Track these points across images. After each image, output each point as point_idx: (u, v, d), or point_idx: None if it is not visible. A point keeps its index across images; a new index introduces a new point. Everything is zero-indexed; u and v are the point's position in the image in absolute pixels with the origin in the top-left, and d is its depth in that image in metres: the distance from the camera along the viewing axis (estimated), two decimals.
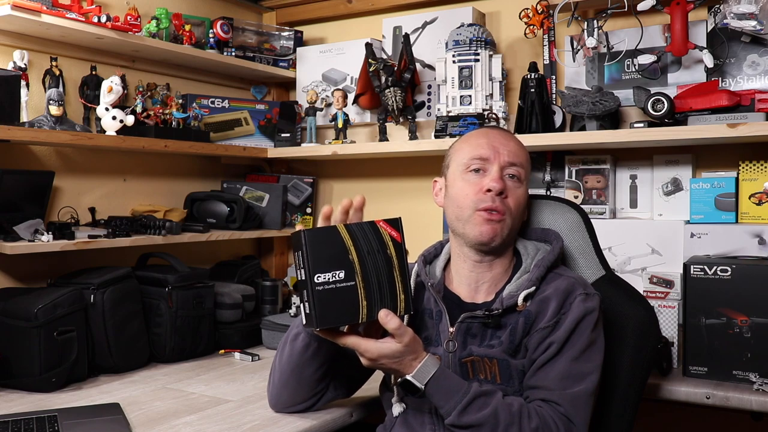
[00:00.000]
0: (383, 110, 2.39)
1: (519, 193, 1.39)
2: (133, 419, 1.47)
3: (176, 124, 2.27)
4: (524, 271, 1.38)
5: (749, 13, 1.80)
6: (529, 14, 2.15)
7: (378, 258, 1.18)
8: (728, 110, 1.84)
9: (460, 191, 1.39)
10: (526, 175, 1.42)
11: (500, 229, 1.35)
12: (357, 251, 1.17)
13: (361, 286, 1.16)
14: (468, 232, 1.37)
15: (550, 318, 1.30)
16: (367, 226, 1.18)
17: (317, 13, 2.72)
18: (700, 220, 1.94)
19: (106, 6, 2.18)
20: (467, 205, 1.37)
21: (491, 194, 1.34)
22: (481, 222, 1.35)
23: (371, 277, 1.17)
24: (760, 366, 1.60)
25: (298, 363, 1.39)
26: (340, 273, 1.15)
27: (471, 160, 1.39)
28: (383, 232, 1.19)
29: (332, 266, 1.15)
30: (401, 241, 1.20)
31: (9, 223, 1.81)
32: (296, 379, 1.42)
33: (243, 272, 2.40)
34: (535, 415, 1.23)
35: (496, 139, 1.41)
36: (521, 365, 1.31)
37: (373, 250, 1.17)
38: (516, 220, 1.39)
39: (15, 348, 1.68)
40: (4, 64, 1.93)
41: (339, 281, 1.15)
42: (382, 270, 1.18)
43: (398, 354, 1.21)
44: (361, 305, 1.17)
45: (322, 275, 1.15)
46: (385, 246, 1.18)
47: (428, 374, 1.23)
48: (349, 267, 1.16)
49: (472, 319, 1.35)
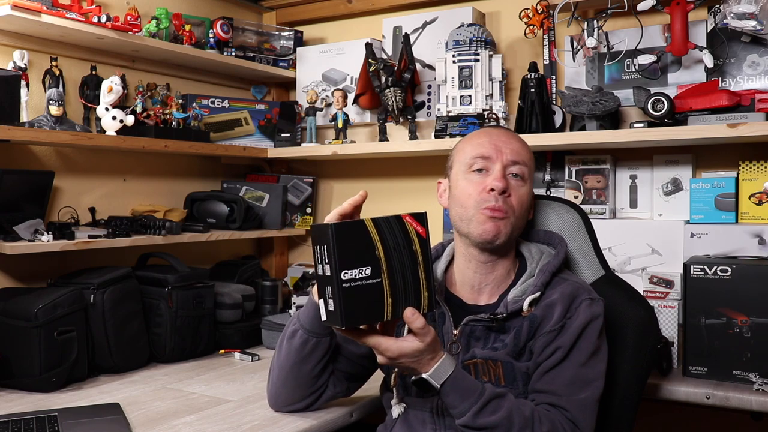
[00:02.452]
0: (383, 110, 2.39)
1: (522, 192, 1.38)
2: (133, 419, 1.47)
3: (176, 124, 2.27)
4: (529, 275, 1.38)
5: (749, 13, 1.80)
6: (529, 14, 2.15)
7: (404, 254, 1.14)
8: (728, 110, 1.84)
9: (464, 191, 1.38)
10: (530, 173, 1.41)
11: (504, 227, 1.35)
12: (384, 247, 1.12)
13: (387, 283, 1.12)
14: (472, 231, 1.36)
15: (555, 322, 1.30)
16: (394, 220, 1.14)
17: (317, 13, 2.72)
18: (700, 220, 1.94)
19: (106, 6, 2.18)
20: (470, 205, 1.36)
21: (494, 193, 1.34)
22: (484, 220, 1.34)
23: (397, 274, 1.13)
24: (760, 366, 1.60)
25: (297, 360, 1.38)
26: (367, 270, 1.11)
27: (473, 160, 1.39)
28: (409, 227, 1.15)
29: (359, 262, 1.10)
30: (426, 236, 1.16)
31: (9, 223, 1.81)
32: (295, 376, 1.42)
33: (243, 272, 2.40)
34: (546, 419, 1.23)
35: (499, 138, 1.41)
36: (525, 368, 1.31)
37: (399, 245, 1.13)
38: (520, 219, 1.38)
39: (15, 348, 1.68)
40: (4, 64, 1.93)
41: (365, 278, 1.11)
42: (407, 266, 1.14)
43: (418, 353, 1.18)
44: (387, 303, 1.12)
45: (348, 272, 1.09)
46: (411, 241, 1.14)
47: (446, 374, 1.20)
48: (376, 263, 1.11)
49: (476, 322, 1.35)
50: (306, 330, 1.36)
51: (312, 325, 1.35)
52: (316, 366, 1.39)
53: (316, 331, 1.35)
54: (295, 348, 1.37)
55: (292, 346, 1.38)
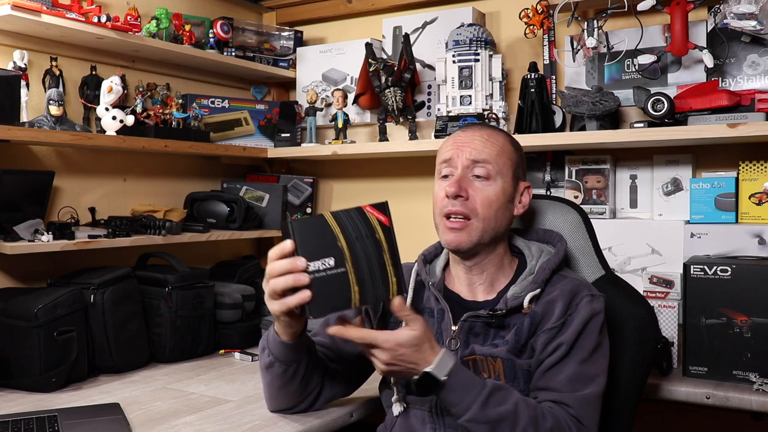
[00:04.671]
0: (383, 110, 2.39)
1: (489, 192, 1.35)
2: (133, 419, 1.47)
3: (176, 124, 2.27)
4: (529, 273, 1.38)
5: (749, 13, 1.80)
6: (529, 14, 2.15)
7: (367, 243, 1.17)
8: (728, 110, 1.84)
9: (434, 198, 1.40)
10: (500, 170, 1.36)
11: (466, 235, 1.34)
12: (345, 237, 1.17)
13: (351, 271, 1.16)
14: (441, 239, 1.38)
15: (556, 319, 1.29)
16: (354, 212, 1.19)
17: (317, 13, 2.72)
18: (700, 220, 1.94)
19: (106, 6, 2.17)
20: (437, 212, 1.38)
21: (449, 199, 1.34)
22: (445, 231, 1.36)
23: (361, 262, 1.17)
24: (760, 366, 1.60)
25: (281, 384, 1.39)
26: (330, 260, 1.16)
27: (440, 165, 1.40)
28: (370, 217, 1.19)
29: (321, 254, 1.15)
30: (389, 224, 1.20)
31: (9, 223, 1.81)
32: (284, 394, 1.43)
33: (243, 272, 2.40)
34: (549, 415, 1.22)
35: (462, 138, 1.39)
36: (527, 365, 1.31)
37: (361, 235, 1.17)
38: (489, 220, 1.34)
39: (15, 348, 1.68)
40: (4, 64, 1.93)
41: (329, 268, 1.16)
42: (372, 254, 1.17)
43: (416, 341, 1.18)
44: (353, 291, 1.16)
45: (311, 264, 1.15)
46: (374, 230, 1.18)
47: (449, 365, 1.19)
48: (339, 254, 1.16)
49: (476, 318, 1.35)
50: (281, 361, 1.34)
51: (285, 356, 1.33)
52: (301, 381, 1.39)
53: (290, 359, 1.34)
54: (277, 376, 1.37)
55: (273, 375, 1.38)
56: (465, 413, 1.19)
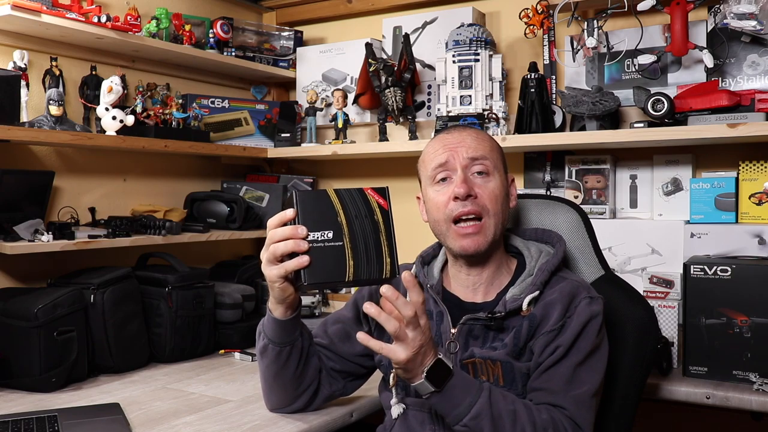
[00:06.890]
0: (383, 110, 2.39)
1: (492, 186, 1.36)
2: (133, 419, 1.47)
3: (176, 124, 2.27)
4: (528, 274, 1.37)
5: (749, 13, 1.80)
6: (529, 14, 2.15)
7: (365, 222, 1.22)
8: (728, 110, 1.84)
9: (433, 204, 1.38)
10: (496, 164, 1.37)
11: (482, 237, 1.33)
12: (345, 214, 1.22)
13: (348, 246, 1.21)
14: (451, 246, 1.37)
15: (555, 321, 1.29)
16: (356, 192, 1.24)
17: (317, 13, 2.72)
18: (700, 220, 1.94)
19: (106, 6, 2.17)
20: (441, 218, 1.36)
21: (459, 201, 1.33)
22: (457, 237, 1.34)
23: (358, 239, 1.21)
24: (760, 366, 1.60)
25: (276, 370, 1.40)
26: (329, 233, 1.21)
27: (434, 171, 1.38)
28: (371, 198, 1.24)
29: (321, 226, 1.20)
30: (388, 208, 1.24)
31: (9, 223, 1.81)
32: (279, 383, 1.44)
33: (243, 272, 2.39)
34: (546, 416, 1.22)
35: (451, 140, 1.39)
36: (525, 368, 1.31)
37: (360, 214, 1.22)
38: (499, 214, 1.35)
39: (15, 348, 1.68)
40: (4, 64, 1.93)
41: (327, 240, 1.20)
42: (369, 234, 1.22)
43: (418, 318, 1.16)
44: (348, 265, 1.20)
45: (311, 234, 1.20)
46: (373, 212, 1.23)
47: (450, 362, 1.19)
48: (338, 228, 1.21)
49: (475, 320, 1.35)
50: (275, 343, 1.36)
51: (279, 336, 1.36)
52: (297, 368, 1.40)
53: (284, 341, 1.36)
54: (271, 360, 1.39)
55: (267, 359, 1.39)
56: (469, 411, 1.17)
